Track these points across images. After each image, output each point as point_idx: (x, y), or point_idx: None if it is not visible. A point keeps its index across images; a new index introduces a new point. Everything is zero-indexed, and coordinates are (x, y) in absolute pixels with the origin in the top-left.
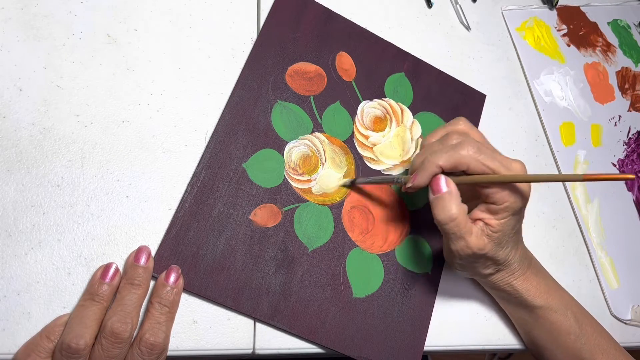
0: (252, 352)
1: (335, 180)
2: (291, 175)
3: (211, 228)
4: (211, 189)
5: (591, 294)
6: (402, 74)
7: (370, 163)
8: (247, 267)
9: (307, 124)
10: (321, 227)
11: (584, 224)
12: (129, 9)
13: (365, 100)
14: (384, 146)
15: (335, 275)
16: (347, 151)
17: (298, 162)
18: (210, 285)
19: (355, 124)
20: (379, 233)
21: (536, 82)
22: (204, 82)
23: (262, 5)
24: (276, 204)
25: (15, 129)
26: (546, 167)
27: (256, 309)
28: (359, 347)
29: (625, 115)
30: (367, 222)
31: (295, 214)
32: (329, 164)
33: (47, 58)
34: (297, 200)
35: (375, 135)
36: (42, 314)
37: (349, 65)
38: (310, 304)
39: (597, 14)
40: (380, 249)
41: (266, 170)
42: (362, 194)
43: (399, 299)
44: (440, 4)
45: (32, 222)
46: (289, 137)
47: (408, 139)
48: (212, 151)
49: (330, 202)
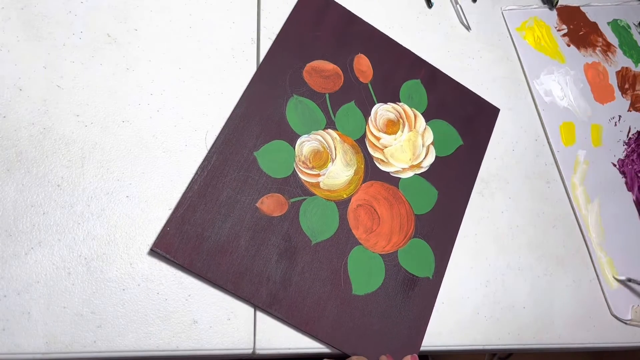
0: (252, 352)
1: (343, 177)
2: (301, 168)
3: (218, 211)
4: (221, 173)
5: (591, 294)
6: (419, 81)
7: (380, 164)
8: (249, 253)
9: (321, 120)
10: (326, 221)
11: (584, 224)
12: (129, 9)
13: (379, 103)
14: (394, 149)
15: (336, 271)
16: (357, 150)
17: (309, 156)
18: (212, 267)
19: (368, 125)
20: (383, 233)
21: (536, 82)
22: (204, 82)
23: (262, 5)
24: (283, 195)
25: (15, 129)
26: (546, 166)
27: (255, 295)
28: (354, 344)
29: (625, 115)
30: (372, 221)
31: (302, 207)
32: (338, 161)
33: (47, 58)
34: (305, 193)
35: (387, 137)
36: (42, 314)
37: (366, 67)
38: (308, 296)
39: (597, 14)
40: (383, 249)
41: (277, 160)
42: (369, 193)
43: (398, 301)
44: (440, 4)
45: (32, 222)
46: (301, 131)
47: (419, 144)
48: (226, 137)
49: (337, 198)
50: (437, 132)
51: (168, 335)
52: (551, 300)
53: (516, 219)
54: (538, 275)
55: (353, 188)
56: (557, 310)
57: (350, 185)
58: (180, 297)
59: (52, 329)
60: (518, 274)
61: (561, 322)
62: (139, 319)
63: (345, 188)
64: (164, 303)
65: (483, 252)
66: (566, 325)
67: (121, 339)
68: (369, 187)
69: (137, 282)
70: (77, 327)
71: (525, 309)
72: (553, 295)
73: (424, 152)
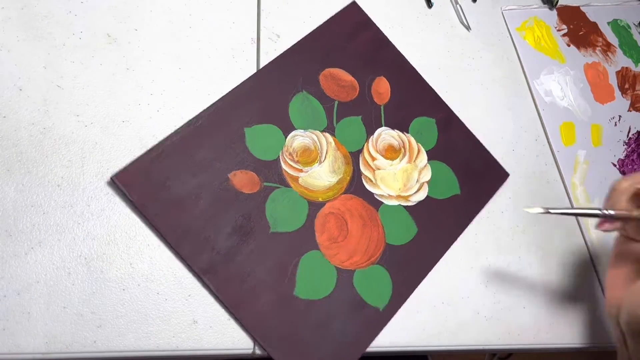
0: (252, 352)
1: (325, 181)
2: (286, 158)
3: (188, 167)
4: (205, 134)
5: (591, 294)
6: (433, 120)
7: (367, 183)
8: (204, 216)
9: (322, 121)
10: (292, 216)
11: (584, 224)
12: (129, 9)
13: (386, 127)
14: (387, 173)
15: (284, 265)
16: (349, 161)
17: (298, 150)
18: (162, 215)
19: (368, 143)
20: (346, 248)
21: (536, 82)
22: (204, 82)
23: (262, 5)
24: (259, 176)
25: (15, 129)
26: (546, 166)
27: (193, 258)
28: (277, 345)
29: (625, 115)
30: (340, 232)
31: (273, 193)
32: (326, 165)
33: (47, 58)
34: (281, 183)
35: (383, 160)
36: (42, 314)
37: (384, 90)
38: (247, 280)
39: (597, 14)
40: (342, 264)
41: (264, 143)
42: (346, 205)
43: (339, 319)
44: (440, 4)
45: (32, 222)
46: (299, 126)
47: (414, 178)
48: (222, 105)
49: (311, 198)
50: (437, 174)
51: (168, 335)
52: (551, 301)
53: (516, 219)
54: (538, 275)
55: (331, 195)
56: (557, 311)
57: (329, 191)
58: (180, 297)
59: (52, 329)
60: (518, 274)
61: (561, 322)
62: (139, 319)
63: (324, 192)
64: (164, 303)
65: (483, 252)
66: (566, 325)
67: (121, 339)
68: (348, 199)
69: (137, 282)
70: (77, 327)
71: (525, 309)
72: (553, 295)
73: (416, 187)
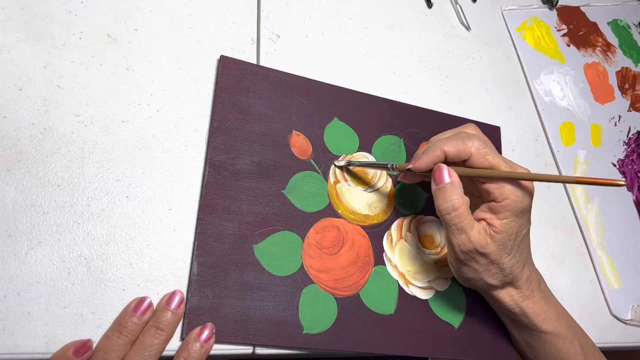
0: (252, 352)
1: (357, 204)
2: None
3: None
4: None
5: (591, 294)
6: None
7: (387, 243)
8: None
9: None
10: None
11: (584, 224)
12: (129, 9)
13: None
14: (414, 257)
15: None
16: (387, 214)
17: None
18: (224, 111)
19: (414, 218)
20: (330, 264)
21: (536, 82)
22: (204, 82)
23: (262, 5)
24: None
25: (15, 129)
26: (546, 166)
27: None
28: None
29: (625, 115)
30: (332, 246)
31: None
32: (370, 194)
33: (47, 58)
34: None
35: (418, 244)
36: (42, 314)
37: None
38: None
39: (597, 14)
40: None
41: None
42: (356, 237)
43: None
44: (440, 4)
45: (32, 222)
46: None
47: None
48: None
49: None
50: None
51: None
52: None
53: None
54: None
55: (353, 218)
56: None
57: (352, 214)
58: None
59: (52, 329)
60: None
61: None
62: None
63: (350, 210)
64: None
65: None
66: None
67: None
68: (361, 234)
69: (137, 282)
70: (77, 327)
71: None
72: None
73: (425, 284)
